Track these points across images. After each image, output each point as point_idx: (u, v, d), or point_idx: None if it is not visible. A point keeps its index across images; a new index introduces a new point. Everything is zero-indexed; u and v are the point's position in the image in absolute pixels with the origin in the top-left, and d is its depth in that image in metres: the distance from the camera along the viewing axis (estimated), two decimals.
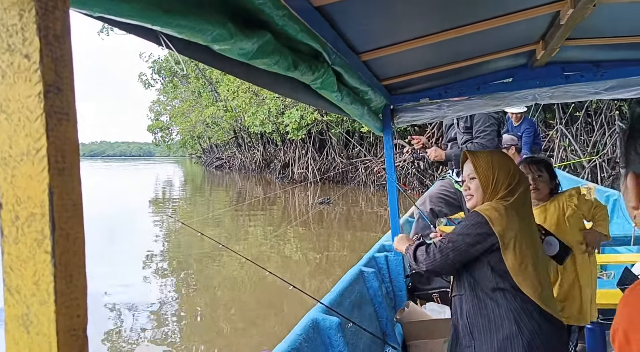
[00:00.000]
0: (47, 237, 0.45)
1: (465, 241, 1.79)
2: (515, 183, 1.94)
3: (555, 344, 1.76)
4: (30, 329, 0.45)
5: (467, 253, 1.79)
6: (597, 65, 2.91)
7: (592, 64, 2.92)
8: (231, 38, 0.94)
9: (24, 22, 0.46)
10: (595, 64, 2.92)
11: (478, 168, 1.98)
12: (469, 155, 2.05)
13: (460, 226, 1.86)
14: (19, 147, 0.46)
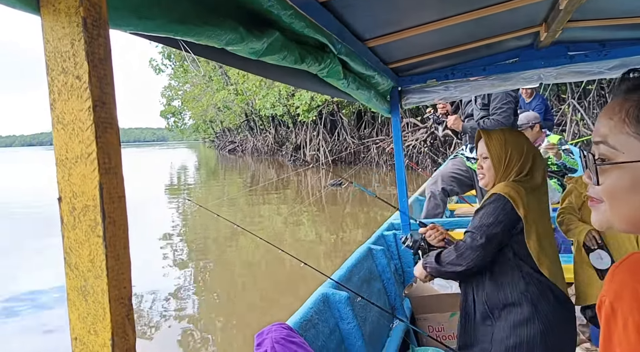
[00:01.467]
0: (99, 224, 0.56)
1: (497, 230, 1.75)
2: (530, 163, 1.93)
3: (567, 324, 1.79)
4: (88, 298, 0.56)
5: (500, 241, 1.77)
6: (603, 45, 2.95)
7: (597, 43, 2.96)
8: (242, 41, 1.03)
9: (75, 49, 0.56)
10: (601, 43, 2.96)
11: (490, 147, 1.96)
12: (483, 134, 2.03)
13: (486, 214, 1.82)
14: (74, 151, 0.57)
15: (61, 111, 0.57)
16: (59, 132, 0.57)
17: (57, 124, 0.57)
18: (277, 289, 6.14)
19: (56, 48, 0.57)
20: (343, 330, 1.98)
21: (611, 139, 0.75)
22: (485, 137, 2.01)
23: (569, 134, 12.17)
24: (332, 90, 2.07)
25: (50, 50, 0.57)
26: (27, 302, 6.08)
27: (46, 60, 0.58)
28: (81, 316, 0.56)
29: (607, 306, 0.69)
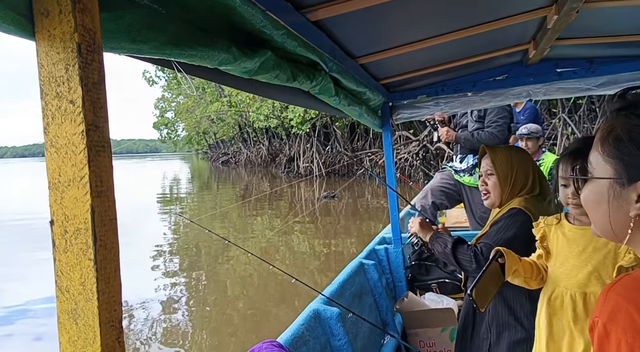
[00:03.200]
0: (90, 247, 0.57)
1: (515, 245, 1.67)
2: (537, 181, 1.90)
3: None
4: (78, 321, 0.57)
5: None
6: (590, 62, 2.99)
7: (585, 60, 3.01)
8: (235, 60, 1.05)
9: (69, 75, 0.57)
10: (589, 60, 3.00)
11: (497, 164, 1.91)
12: (488, 150, 1.98)
13: (504, 227, 1.79)
14: (67, 175, 0.57)
15: (54, 135, 0.58)
16: (52, 155, 0.58)
17: (50, 148, 0.58)
18: (270, 302, 6.11)
19: (50, 73, 0.58)
20: (334, 347, 1.98)
21: (591, 156, 0.82)
22: (490, 153, 1.96)
23: (559, 148, 12.28)
24: (323, 106, 2.09)
25: (45, 75, 0.58)
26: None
27: (40, 84, 0.59)
28: (71, 339, 0.57)
29: (600, 327, 0.71)
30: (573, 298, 1.49)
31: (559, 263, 1.56)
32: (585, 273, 1.48)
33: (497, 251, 1.53)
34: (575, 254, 1.52)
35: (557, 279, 1.55)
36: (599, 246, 1.48)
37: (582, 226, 1.55)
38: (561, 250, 1.56)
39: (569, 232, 1.57)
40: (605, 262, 1.46)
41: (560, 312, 1.51)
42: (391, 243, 3.28)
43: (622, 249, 1.46)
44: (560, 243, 1.57)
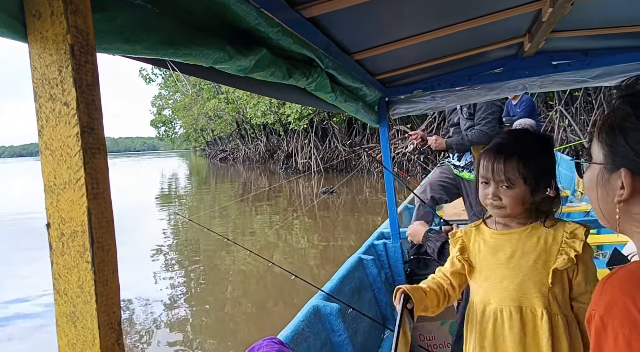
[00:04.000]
0: (88, 249, 0.56)
1: None
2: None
3: None
4: (77, 324, 0.57)
5: None
6: (586, 54, 2.99)
7: (580, 52, 3.01)
8: (230, 59, 1.04)
9: (62, 76, 0.57)
10: (584, 52, 3.00)
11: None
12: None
13: None
14: (62, 177, 0.57)
15: (49, 137, 0.58)
16: (47, 158, 0.58)
17: (45, 151, 0.58)
18: (269, 298, 6.11)
19: (44, 75, 0.58)
20: (334, 343, 1.99)
21: (593, 142, 0.83)
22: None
23: (556, 141, 12.30)
24: (320, 103, 2.09)
25: (38, 77, 0.58)
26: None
27: (34, 87, 0.59)
28: (70, 342, 0.57)
29: (597, 320, 0.71)
30: (510, 314, 1.33)
31: (484, 276, 1.39)
32: (517, 283, 1.33)
33: (405, 295, 1.37)
34: (502, 263, 1.36)
35: (486, 295, 1.37)
36: (527, 249, 1.35)
37: (505, 230, 1.40)
38: (485, 260, 1.40)
39: (491, 239, 1.42)
40: (536, 267, 1.33)
41: (497, 333, 1.34)
42: (389, 238, 3.29)
43: (552, 249, 1.33)
44: (482, 253, 1.41)
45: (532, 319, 1.32)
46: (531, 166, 1.34)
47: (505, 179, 1.33)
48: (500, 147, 1.37)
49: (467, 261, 1.44)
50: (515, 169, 1.33)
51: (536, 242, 1.35)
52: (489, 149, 1.40)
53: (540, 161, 1.37)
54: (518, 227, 1.40)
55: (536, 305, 1.32)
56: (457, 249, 1.46)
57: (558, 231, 1.36)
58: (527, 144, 1.38)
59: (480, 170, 1.40)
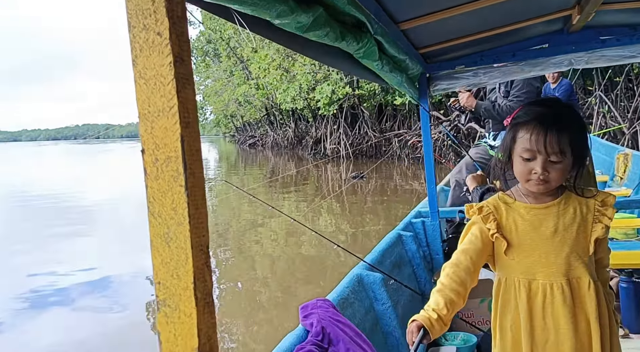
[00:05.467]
0: (181, 174, 0.58)
1: None
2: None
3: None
4: (171, 244, 0.59)
5: None
6: (634, 29, 2.90)
7: (628, 27, 2.91)
8: (292, 13, 1.05)
9: (155, 6, 0.58)
10: (632, 27, 2.91)
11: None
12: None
13: None
14: (156, 105, 0.59)
15: (143, 67, 0.60)
16: (141, 87, 0.60)
17: (140, 79, 0.60)
18: (297, 280, 6.17)
19: (137, 5, 0.59)
20: (378, 311, 2.00)
21: None
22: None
23: (595, 127, 11.98)
24: (365, 72, 2.09)
25: (132, 7, 0.60)
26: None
27: (128, 17, 0.60)
28: (164, 261, 0.59)
29: None
30: (561, 288, 1.31)
31: (526, 252, 1.36)
32: (564, 256, 1.32)
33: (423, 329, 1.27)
34: (547, 238, 1.34)
35: (530, 271, 1.35)
36: (567, 221, 1.33)
37: (541, 204, 1.37)
38: (527, 236, 1.36)
39: (529, 215, 1.37)
40: (579, 239, 1.32)
41: (547, 307, 1.32)
42: (427, 217, 3.27)
43: (588, 218, 1.33)
44: (522, 228, 1.36)
45: (579, 289, 1.32)
46: (579, 136, 1.32)
47: (559, 151, 1.28)
48: (549, 117, 1.30)
49: (504, 237, 1.37)
50: (567, 139, 1.28)
51: (573, 213, 1.34)
52: (531, 120, 1.31)
53: (583, 130, 1.35)
54: (551, 199, 1.37)
55: (582, 275, 1.32)
56: (492, 225, 1.38)
57: (590, 200, 1.35)
58: (569, 113, 1.34)
59: (523, 143, 1.31)
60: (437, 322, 1.28)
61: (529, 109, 1.35)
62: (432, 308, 1.31)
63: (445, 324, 1.30)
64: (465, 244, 1.42)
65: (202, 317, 0.59)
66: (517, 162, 1.34)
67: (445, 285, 1.37)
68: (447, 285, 1.36)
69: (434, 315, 1.29)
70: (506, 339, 1.40)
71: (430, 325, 1.27)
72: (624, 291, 2.62)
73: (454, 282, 1.36)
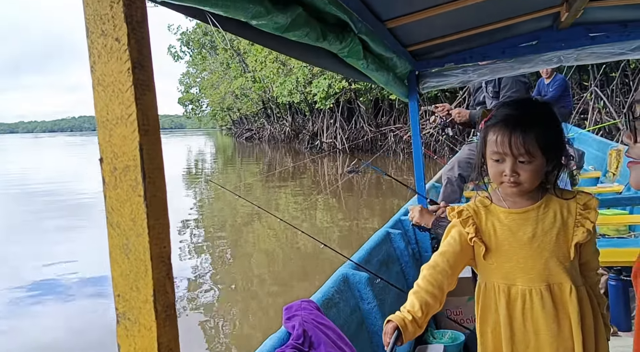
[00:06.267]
0: (140, 183, 0.57)
1: None
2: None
3: None
4: (130, 256, 0.58)
5: None
6: (625, 26, 2.89)
7: (618, 24, 2.90)
8: (268, 14, 1.04)
9: (114, 12, 0.57)
10: (622, 24, 2.90)
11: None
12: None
13: None
14: (114, 113, 0.58)
15: (101, 73, 0.59)
16: (99, 94, 0.59)
17: (98, 86, 0.59)
18: (292, 275, 6.18)
19: (96, 11, 0.58)
20: (363, 310, 2.00)
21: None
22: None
23: (590, 122, 11.99)
24: (351, 71, 2.07)
25: (90, 12, 0.59)
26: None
27: (86, 23, 0.59)
28: (123, 273, 0.58)
29: None
30: (540, 294, 1.29)
31: (504, 257, 1.34)
32: (543, 262, 1.30)
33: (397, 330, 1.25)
34: (525, 243, 1.31)
35: (510, 276, 1.33)
36: (547, 226, 1.31)
37: (519, 208, 1.34)
38: (505, 241, 1.34)
39: (506, 219, 1.34)
40: (559, 244, 1.30)
41: (527, 312, 1.31)
42: None
43: (569, 222, 1.30)
44: (500, 233, 1.34)
45: (560, 294, 1.30)
46: (548, 135, 1.29)
47: (525, 152, 1.26)
48: (513, 119, 1.28)
49: (482, 241, 1.35)
50: (533, 140, 1.26)
51: (553, 217, 1.32)
52: (498, 122, 1.30)
53: (554, 129, 1.32)
54: (530, 203, 1.35)
55: (563, 280, 1.30)
56: (471, 229, 1.36)
57: (571, 203, 1.33)
58: (537, 112, 1.32)
59: (491, 146, 1.30)
60: (411, 324, 1.27)
61: (498, 111, 1.34)
62: (407, 310, 1.30)
63: (419, 326, 1.29)
64: (444, 247, 1.41)
65: (162, 330, 0.59)
66: (489, 165, 1.34)
67: (421, 287, 1.35)
68: (423, 287, 1.34)
69: (408, 316, 1.28)
70: (487, 343, 1.39)
71: (404, 326, 1.26)
72: (612, 288, 2.63)
73: (430, 285, 1.34)
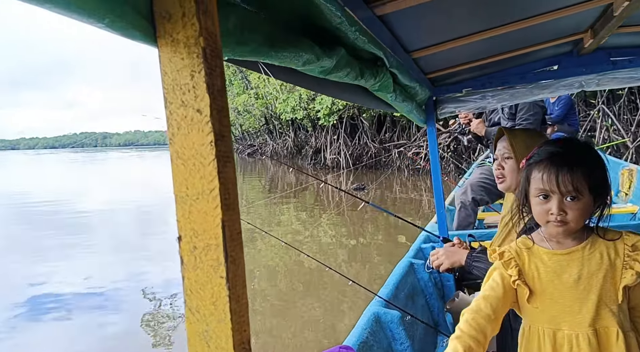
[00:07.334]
0: (222, 264, 0.54)
1: None
2: None
3: None
4: (210, 344, 0.54)
5: None
6: None
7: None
8: (317, 60, 1.01)
9: (195, 81, 0.54)
10: None
11: (515, 147, 1.86)
12: (506, 132, 1.93)
13: None
14: (195, 188, 0.55)
15: (181, 146, 0.55)
16: (178, 167, 0.55)
17: (177, 159, 0.55)
18: (299, 295, 6.10)
19: (175, 80, 0.55)
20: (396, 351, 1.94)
21: None
22: (509, 136, 1.90)
23: (598, 141, 11.96)
24: (378, 103, 2.05)
25: (169, 82, 0.56)
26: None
27: (164, 93, 0.56)
28: None
29: None
30: (587, 339, 1.24)
31: (550, 300, 1.29)
32: (591, 305, 1.25)
33: None
34: (571, 286, 1.27)
35: (555, 320, 1.29)
36: (593, 268, 1.27)
37: (564, 249, 1.30)
38: (551, 284, 1.30)
39: (550, 261, 1.31)
40: (606, 286, 1.25)
41: None
42: (437, 242, 3.22)
43: (616, 264, 1.26)
44: (544, 276, 1.30)
45: (607, 340, 1.25)
46: (595, 174, 1.26)
47: (573, 189, 1.23)
48: (559, 156, 1.27)
49: (526, 284, 1.31)
50: (581, 178, 1.23)
51: (600, 258, 1.27)
52: (543, 159, 1.28)
53: (601, 168, 1.30)
54: (575, 244, 1.31)
55: (610, 325, 1.25)
56: (514, 271, 1.32)
57: (618, 244, 1.28)
58: (583, 150, 1.30)
59: (536, 183, 1.27)
60: None
61: (541, 149, 1.32)
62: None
63: None
64: (487, 291, 1.36)
65: None
66: (534, 204, 1.30)
67: (464, 332, 1.28)
68: (467, 332, 1.28)
69: None
70: None
71: None
72: None
73: (474, 330, 1.27)
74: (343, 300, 5.45)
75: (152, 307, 5.90)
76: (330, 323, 5.01)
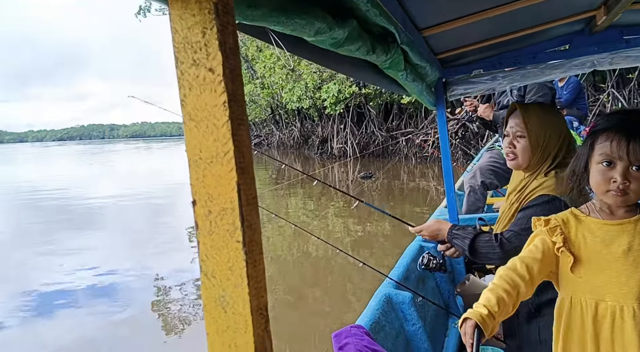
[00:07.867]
0: (238, 228, 0.51)
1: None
2: (565, 150, 1.78)
3: None
4: (227, 309, 0.52)
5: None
6: None
7: None
8: (329, 30, 0.98)
9: (207, 39, 0.52)
10: None
11: (529, 124, 1.80)
12: (520, 108, 1.87)
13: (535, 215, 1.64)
14: (209, 151, 0.52)
15: (193, 107, 0.53)
16: (191, 130, 0.53)
17: (189, 122, 0.53)
18: (308, 281, 6.11)
19: (186, 38, 0.53)
20: (408, 332, 1.93)
21: None
22: (522, 112, 1.84)
23: None
24: (388, 82, 2.02)
25: (179, 41, 0.53)
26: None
27: (175, 52, 0.54)
28: (220, 329, 0.52)
29: None
30: (632, 312, 1.21)
31: (594, 270, 1.27)
32: (638, 278, 1.22)
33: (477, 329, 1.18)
34: (619, 257, 1.24)
35: (599, 291, 1.26)
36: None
37: (615, 220, 1.28)
38: (598, 254, 1.28)
39: (600, 231, 1.28)
40: None
41: (616, 332, 1.23)
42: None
43: None
44: (591, 245, 1.28)
45: None
46: None
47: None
48: (632, 124, 1.22)
49: (570, 252, 1.28)
50: None
51: None
52: (612, 126, 1.24)
53: None
54: (628, 216, 1.28)
55: None
56: (559, 239, 1.30)
57: None
58: None
59: (603, 149, 1.24)
60: (489, 319, 1.19)
61: (610, 117, 1.29)
62: (482, 304, 1.22)
63: (496, 322, 1.21)
64: (524, 253, 1.34)
65: None
66: (595, 171, 1.26)
67: (497, 284, 1.28)
68: (499, 284, 1.27)
69: (484, 311, 1.20)
70: None
71: (483, 322, 1.18)
72: None
73: (507, 284, 1.27)
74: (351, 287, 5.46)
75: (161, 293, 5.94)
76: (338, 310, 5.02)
